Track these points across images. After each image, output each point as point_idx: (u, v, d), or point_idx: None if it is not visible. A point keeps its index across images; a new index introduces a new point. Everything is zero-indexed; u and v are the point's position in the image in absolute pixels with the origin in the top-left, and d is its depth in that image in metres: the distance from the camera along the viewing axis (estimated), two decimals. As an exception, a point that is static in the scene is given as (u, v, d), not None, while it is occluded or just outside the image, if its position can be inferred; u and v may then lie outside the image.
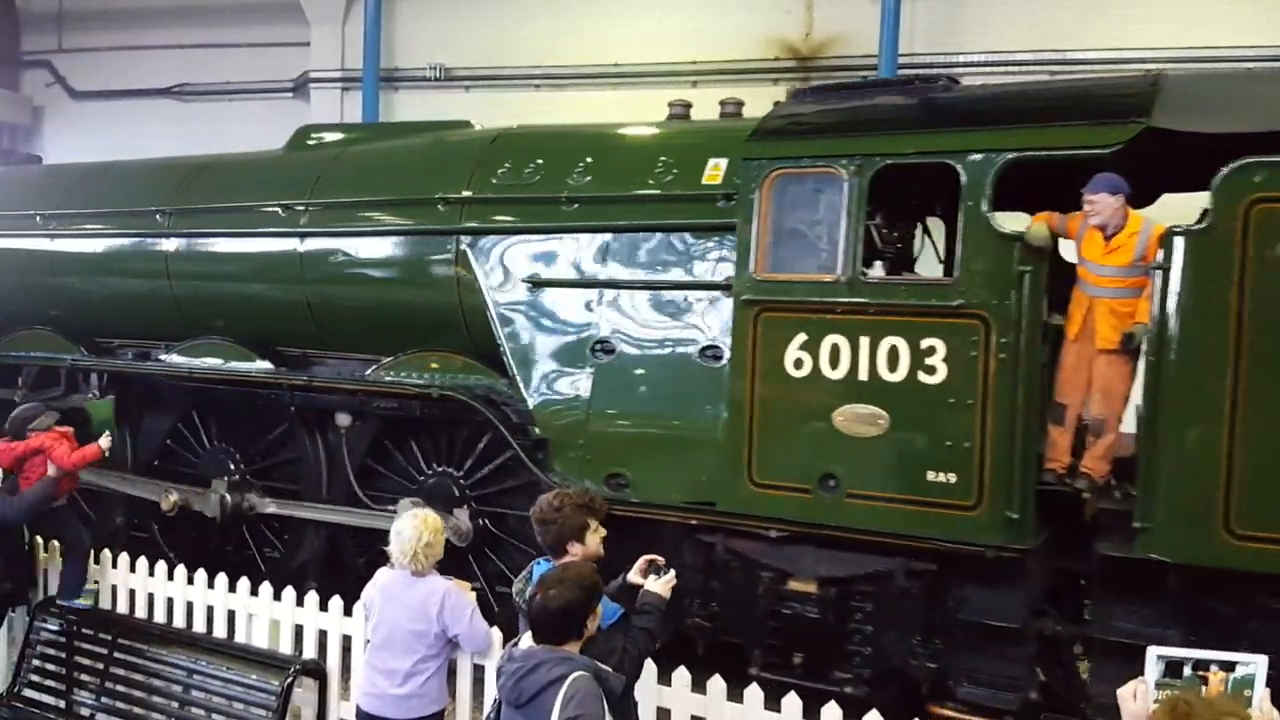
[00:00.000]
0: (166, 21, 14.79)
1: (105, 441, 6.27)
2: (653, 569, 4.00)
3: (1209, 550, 4.46)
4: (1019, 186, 5.16)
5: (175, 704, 5.48)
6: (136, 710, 5.60)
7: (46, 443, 6.08)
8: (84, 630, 5.93)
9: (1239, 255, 4.43)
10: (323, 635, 5.36)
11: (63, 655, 5.95)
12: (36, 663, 6.04)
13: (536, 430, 6.01)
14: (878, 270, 5.38)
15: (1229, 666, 2.58)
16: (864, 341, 5.11)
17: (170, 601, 5.94)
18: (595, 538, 3.93)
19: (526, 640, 3.47)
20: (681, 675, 4.32)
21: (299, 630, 5.49)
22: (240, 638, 5.62)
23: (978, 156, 4.98)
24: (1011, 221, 5.11)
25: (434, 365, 6.69)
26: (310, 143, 7.76)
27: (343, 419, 6.71)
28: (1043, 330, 4.92)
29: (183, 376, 7.43)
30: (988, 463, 4.87)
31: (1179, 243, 4.54)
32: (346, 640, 5.26)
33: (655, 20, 12.02)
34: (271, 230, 7.26)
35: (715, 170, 5.80)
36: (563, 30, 12.32)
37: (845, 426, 5.18)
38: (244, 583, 5.57)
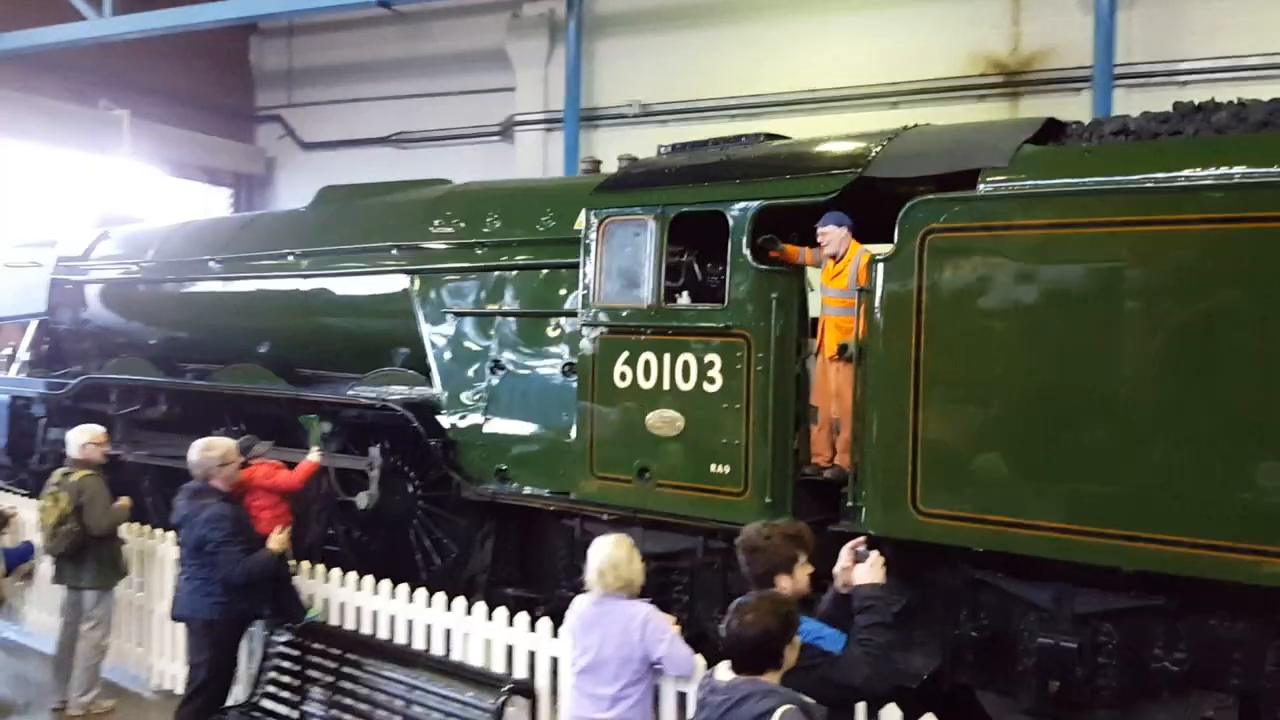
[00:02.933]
0: (385, 75, 16.22)
1: (315, 455, 7.34)
2: (856, 559, 3.90)
3: (903, 525, 5.41)
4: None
5: (398, 718, 5.73)
6: (362, 723, 5.90)
7: (267, 474, 6.56)
8: (315, 645, 6.30)
9: (917, 277, 5.38)
10: (532, 656, 5.50)
11: (296, 668, 6.34)
12: (273, 674, 6.46)
13: (449, 435, 7.59)
14: (685, 299, 6.49)
15: None
16: (666, 357, 6.37)
17: (392, 619, 6.23)
18: (803, 572, 3.95)
19: (724, 671, 3.41)
20: (892, 712, 4.23)
21: (510, 650, 5.81)
22: (456, 655, 5.80)
23: (737, 204, 6.19)
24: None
25: (394, 382, 8.27)
26: (325, 200, 9.71)
27: (325, 425, 8.13)
28: (797, 345, 6.06)
29: (204, 393, 9.45)
30: (751, 456, 6.03)
31: (879, 268, 5.52)
32: (555, 661, 5.51)
33: (853, 44, 12.30)
34: (286, 274, 9.17)
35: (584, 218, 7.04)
36: (759, 59, 12.77)
37: (654, 427, 6.40)
38: (460, 602, 5.87)
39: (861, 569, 4.09)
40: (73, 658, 7.33)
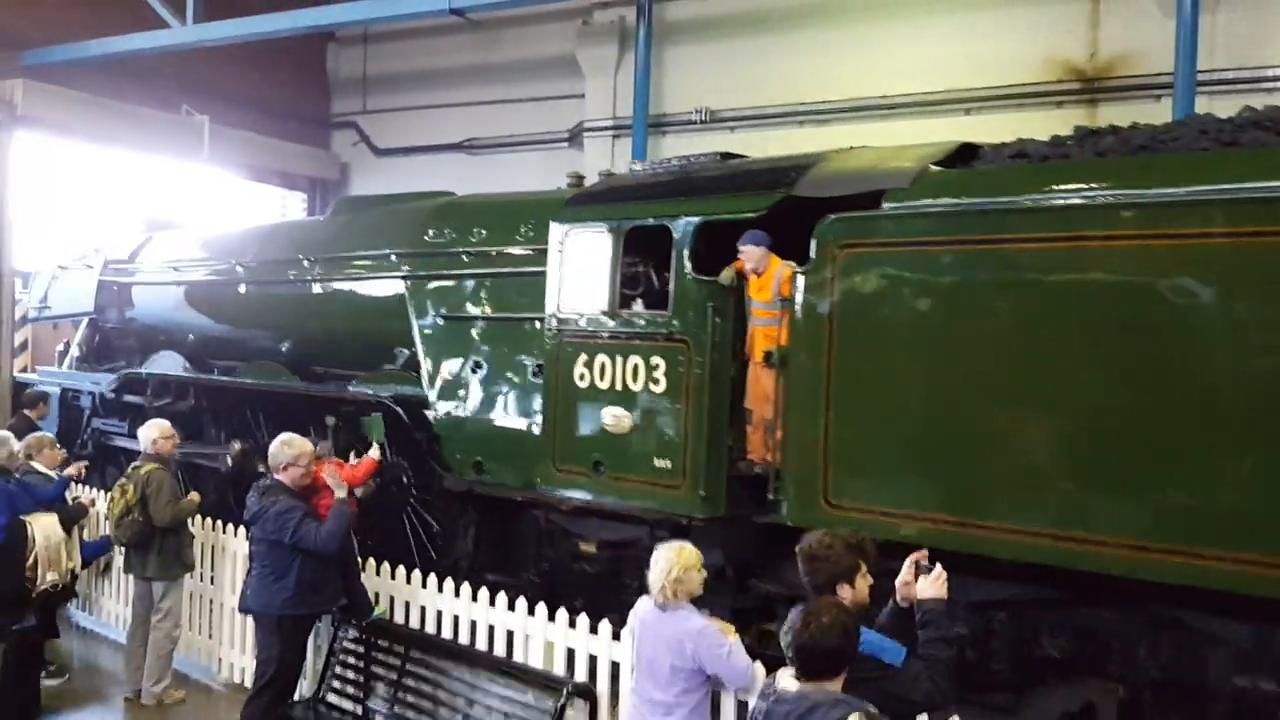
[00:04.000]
0: (457, 82, 16.63)
1: (375, 452, 7.57)
2: (920, 571, 3.83)
3: (815, 517, 5.95)
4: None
5: (460, 716, 5.91)
6: None
7: (334, 468, 6.72)
8: (380, 642, 6.41)
9: (831, 288, 6.03)
10: (593, 660, 5.53)
11: (361, 664, 6.45)
12: (339, 670, 6.59)
13: (434, 429, 8.38)
14: (639, 306, 7.13)
15: None
16: (619, 360, 7.03)
17: (456, 618, 6.31)
18: (864, 583, 3.90)
19: (787, 680, 3.36)
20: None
21: (571, 653, 5.89)
22: (518, 657, 5.86)
23: (680, 220, 6.85)
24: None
25: (392, 381, 8.93)
26: (339, 210, 10.76)
27: (329, 419, 9.05)
28: (733, 351, 6.70)
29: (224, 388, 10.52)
30: (689, 452, 6.66)
31: (800, 280, 6.18)
32: (616, 665, 5.43)
33: (925, 49, 12.18)
34: (301, 278, 10.10)
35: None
36: (829, 65, 12.91)
37: (608, 424, 7.05)
38: (521, 603, 5.98)
39: (924, 583, 4.04)
40: (142, 648, 7.55)
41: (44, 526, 7.19)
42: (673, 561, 4.76)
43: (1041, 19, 12.18)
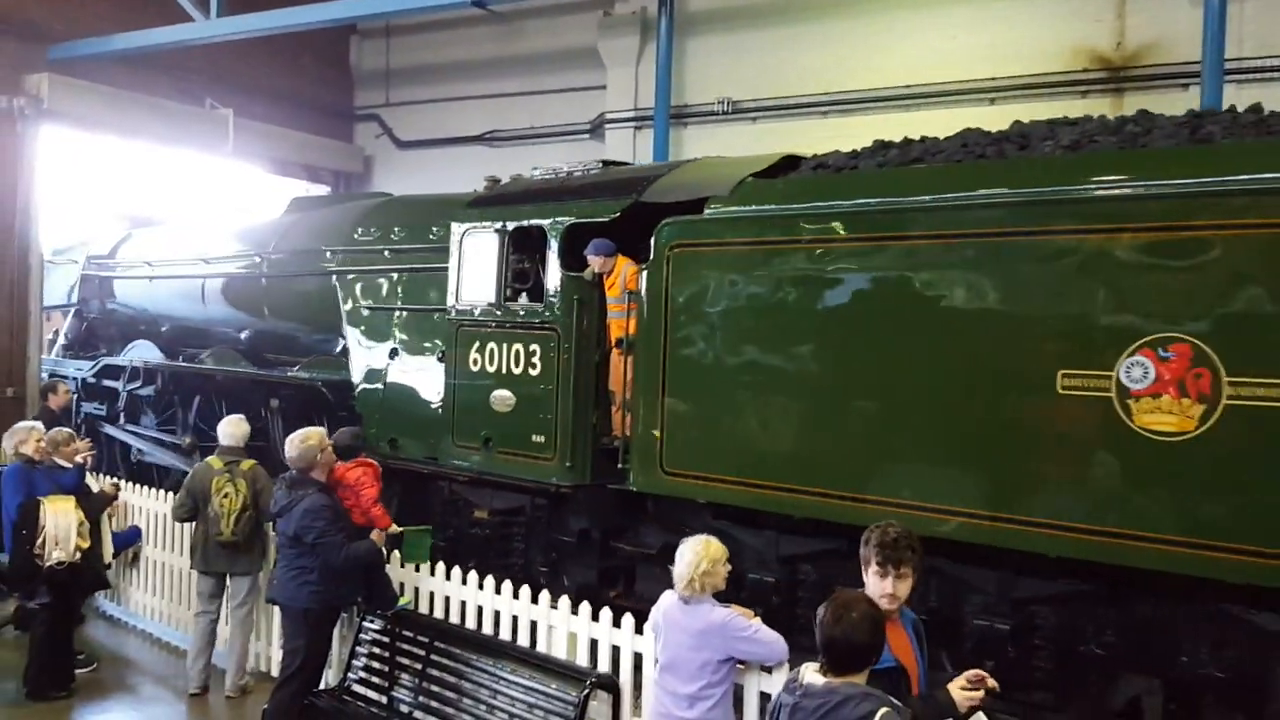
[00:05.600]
0: (479, 74, 16.94)
1: (396, 530, 7.50)
2: (972, 683, 3.73)
3: (653, 483, 7.15)
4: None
5: (483, 707, 6.19)
6: (449, 710, 6.12)
7: (362, 478, 6.65)
8: (404, 632, 6.46)
9: (665, 284, 7.13)
10: (616, 651, 5.56)
11: (386, 654, 6.52)
12: (364, 660, 6.64)
13: (357, 409, 9.83)
14: (524, 299, 8.27)
15: None
16: (504, 346, 8.14)
17: (480, 610, 6.35)
18: (906, 584, 3.79)
19: (812, 674, 3.35)
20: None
21: (594, 645, 5.75)
22: (541, 648, 5.90)
23: (551, 222, 8.01)
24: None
25: (326, 366, 10.13)
26: (290, 209, 11.98)
27: (273, 401, 10.34)
28: (597, 339, 7.90)
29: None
30: (558, 428, 7.83)
31: (644, 276, 7.31)
32: (639, 657, 5.45)
33: (949, 38, 12.53)
34: (254, 273, 11.23)
35: None
36: (853, 55, 13.15)
37: (495, 404, 8.25)
38: (545, 595, 5.99)
39: (963, 687, 3.89)
40: (210, 647, 7.55)
41: (57, 509, 7.44)
42: (701, 554, 4.84)
43: (1068, 7, 12.65)
